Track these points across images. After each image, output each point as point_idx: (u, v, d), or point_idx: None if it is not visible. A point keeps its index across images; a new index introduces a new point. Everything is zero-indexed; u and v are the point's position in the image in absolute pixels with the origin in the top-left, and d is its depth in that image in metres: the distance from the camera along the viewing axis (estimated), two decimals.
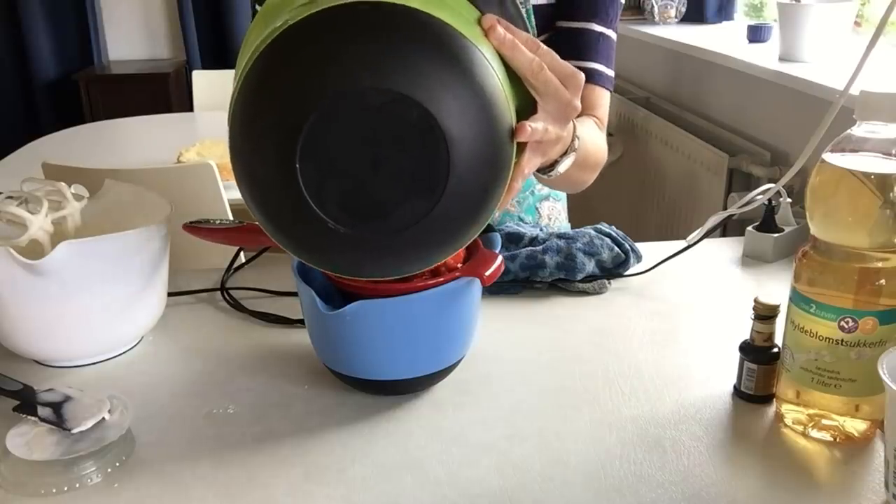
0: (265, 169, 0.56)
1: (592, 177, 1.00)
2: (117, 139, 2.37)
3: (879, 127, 0.62)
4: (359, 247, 0.58)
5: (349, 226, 0.57)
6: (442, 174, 0.55)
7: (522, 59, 0.62)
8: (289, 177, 0.55)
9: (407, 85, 0.53)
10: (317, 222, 0.56)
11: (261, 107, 0.56)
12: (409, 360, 0.71)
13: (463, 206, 0.58)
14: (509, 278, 0.93)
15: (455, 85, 0.55)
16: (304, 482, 0.63)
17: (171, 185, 1.44)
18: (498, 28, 0.61)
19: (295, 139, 0.54)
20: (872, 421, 0.67)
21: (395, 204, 0.56)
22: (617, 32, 1.05)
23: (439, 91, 0.54)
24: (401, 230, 0.57)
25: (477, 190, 0.58)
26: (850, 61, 0.81)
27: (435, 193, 0.56)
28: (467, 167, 0.56)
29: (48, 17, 3.54)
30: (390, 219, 0.57)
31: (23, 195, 0.82)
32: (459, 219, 0.59)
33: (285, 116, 0.54)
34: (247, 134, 0.57)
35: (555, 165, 0.76)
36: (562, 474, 0.64)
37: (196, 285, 0.97)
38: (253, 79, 0.56)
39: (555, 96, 0.65)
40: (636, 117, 2.51)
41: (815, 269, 0.65)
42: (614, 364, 0.80)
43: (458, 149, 0.55)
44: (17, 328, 0.77)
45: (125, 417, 0.67)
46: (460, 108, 0.55)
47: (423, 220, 0.56)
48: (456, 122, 0.55)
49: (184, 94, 3.44)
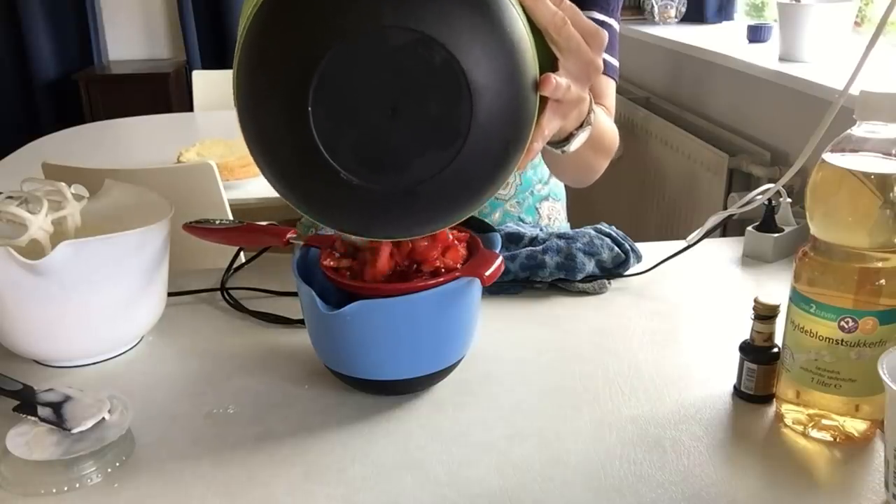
0: (275, 116, 0.52)
1: (604, 163, 0.98)
2: (117, 139, 2.37)
3: (879, 127, 0.62)
4: (371, 201, 0.55)
5: (363, 177, 0.53)
6: (464, 124, 0.52)
7: (546, 11, 0.60)
8: (300, 123, 0.51)
9: (432, 26, 0.50)
10: (328, 173, 0.53)
11: (271, 47, 0.52)
12: (410, 360, 0.71)
13: (483, 160, 0.55)
14: (509, 278, 0.93)
15: (482, 29, 0.52)
16: (305, 482, 0.63)
17: (171, 185, 1.43)
18: None
19: (308, 81, 0.50)
20: (872, 421, 0.67)
21: (413, 154, 0.53)
22: (619, 22, 1.04)
23: (466, 35, 0.51)
24: (417, 184, 0.54)
25: (498, 144, 0.55)
26: (850, 61, 0.81)
27: (455, 145, 0.52)
28: (490, 118, 0.53)
29: (48, 17, 3.54)
30: (407, 171, 0.53)
31: (23, 195, 0.82)
32: (478, 175, 0.56)
33: (298, 56, 0.50)
34: (254, 79, 0.53)
35: (570, 139, 0.73)
36: (562, 474, 0.64)
37: (196, 285, 0.97)
38: (262, 17, 0.52)
39: (577, 53, 0.62)
40: (636, 117, 2.51)
41: (815, 269, 0.65)
42: (614, 364, 0.80)
43: (482, 98, 0.52)
44: (17, 328, 0.77)
45: (125, 417, 0.67)
46: (487, 54, 0.52)
47: (441, 174, 0.53)
48: (481, 68, 0.51)
49: (184, 94, 3.44)
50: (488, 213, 1.13)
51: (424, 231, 0.60)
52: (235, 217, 1.27)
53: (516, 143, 0.57)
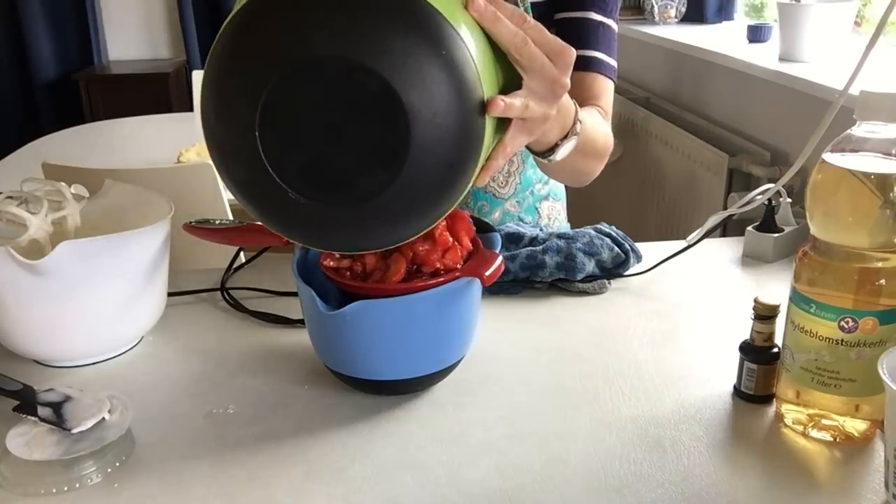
0: (228, 137, 0.56)
1: (598, 167, 0.98)
2: (117, 139, 2.37)
3: (879, 127, 0.62)
4: (322, 218, 0.58)
5: (310, 196, 0.56)
6: (402, 145, 0.54)
7: (505, 32, 0.60)
8: (250, 146, 0.54)
9: (365, 54, 0.52)
10: (279, 192, 0.56)
11: (223, 74, 0.55)
12: (409, 360, 0.71)
13: (427, 179, 0.57)
14: (509, 278, 0.93)
15: (417, 55, 0.53)
16: (305, 482, 0.63)
17: (171, 185, 1.43)
18: (478, 0, 0.59)
19: (254, 107, 0.53)
20: (872, 421, 0.67)
21: (356, 174, 0.55)
22: (617, 23, 1.04)
23: (400, 60, 0.53)
24: (362, 201, 0.56)
25: (442, 163, 0.57)
26: (850, 61, 0.81)
27: (395, 164, 0.54)
28: (430, 140, 0.55)
29: (48, 17, 3.54)
30: (351, 189, 0.56)
31: (23, 195, 0.82)
32: (424, 192, 0.58)
33: (244, 85, 0.54)
34: (212, 101, 0.56)
35: (554, 149, 0.74)
36: (562, 474, 0.64)
37: (196, 285, 0.97)
38: (219, 46, 0.56)
39: (540, 72, 0.63)
40: (636, 117, 2.51)
41: (815, 269, 0.65)
42: (614, 364, 0.79)
43: (419, 120, 0.54)
44: (17, 328, 0.77)
45: (125, 417, 0.67)
46: (422, 78, 0.53)
47: (385, 192, 0.55)
48: (417, 92, 0.53)
49: (184, 94, 3.44)
50: (488, 213, 1.13)
51: (380, 245, 0.63)
52: (235, 217, 1.27)
53: (464, 160, 0.58)
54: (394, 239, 0.62)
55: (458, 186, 0.59)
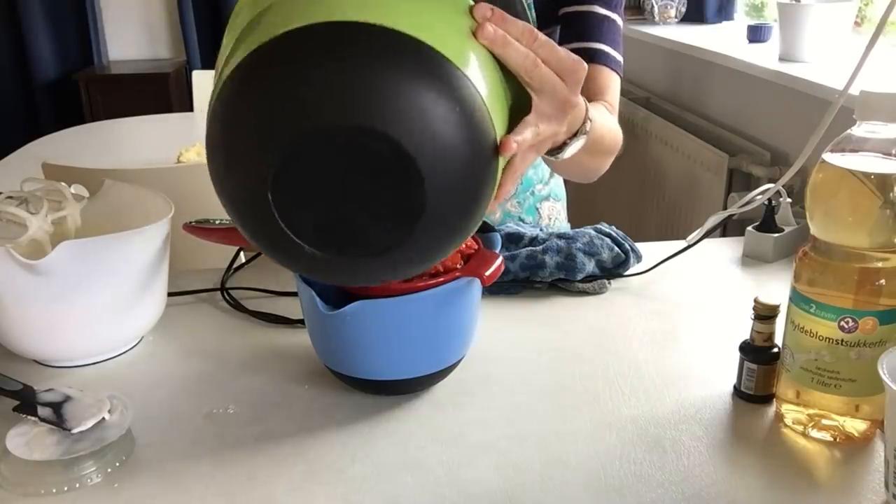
0: (240, 196, 0.55)
1: (606, 163, 0.97)
2: (117, 139, 2.37)
3: (879, 127, 0.62)
4: (337, 266, 0.57)
5: (324, 251, 0.56)
6: (417, 206, 0.53)
7: (515, 56, 0.59)
8: (262, 205, 0.54)
9: (375, 119, 0.51)
10: (293, 246, 0.55)
11: (231, 137, 0.54)
12: (409, 361, 0.71)
13: (441, 229, 0.56)
14: (509, 278, 0.93)
15: (430, 115, 0.52)
16: (305, 482, 0.63)
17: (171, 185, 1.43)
18: (487, 27, 0.57)
19: (265, 173, 0.52)
20: (872, 421, 0.67)
21: (371, 232, 0.55)
22: (622, 19, 1.03)
23: (411, 122, 0.51)
24: (377, 255, 0.56)
25: (457, 213, 0.56)
26: (850, 61, 0.81)
27: (411, 222, 0.54)
28: (444, 194, 0.54)
29: (48, 17, 3.54)
30: (366, 247, 0.55)
31: (23, 195, 0.82)
32: (439, 240, 0.57)
33: (253, 151, 0.53)
34: (221, 160, 0.55)
35: (563, 148, 0.73)
36: (562, 474, 0.64)
37: (196, 285, 0.97)
38: (220, 109, 0.55)
39: (551, 94, 0.62)
40: (636, 117, 2.51)
41: (815, 269, 0.65)
42: (614, 364, 0.79)
43: (433, 179, 0.53)
44: (17, 328, 0.77)
45: (125, 417, 0.67)
46: (434, 137, 0.52)
47: (400, 246, 0.55)
48: (429, 151, 0.52)
49: (184, 94, 3.44)
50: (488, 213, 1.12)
51: (396, 279, 0.63)
52: None
53: (478, 203, 0.58)
54: (411, 275, 0.63)
55: (471, 227, 0.59)
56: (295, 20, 0.53)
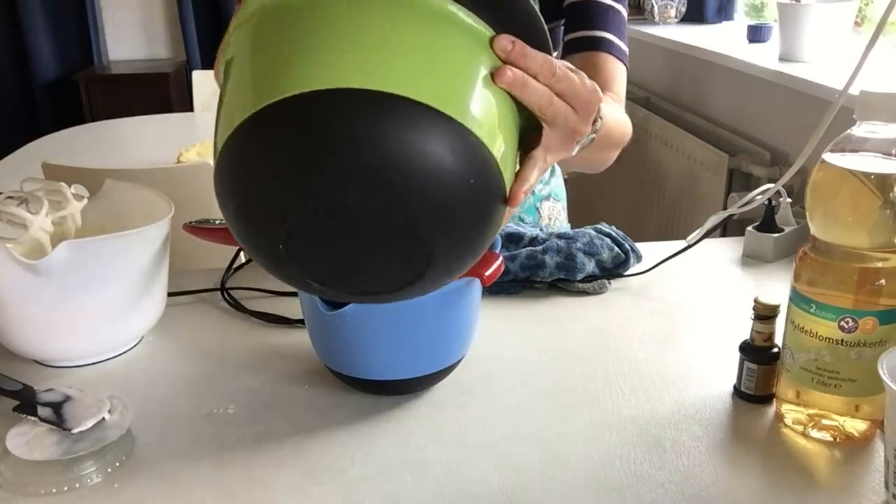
0: (253, 240, 0.56)
1: (614, 155, 0.98)
2: (117, 139, 2.37)
3: (879, 127, 0.62)
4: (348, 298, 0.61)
5: (334, 291, 0.59)
6: (424, 263, 0.55)
7: (531, 97, 0.58)
8: (275, 252, 0.55)
9: (389, 196, 0.51)
10: (301, 281, 0.58)
11: (241, 193, 0.54)
12: (410, 360, 0.71)
13: (451, 271, 0.58)
14: (509, 278, 0.93)
15: (443, 189, 0.52)
16: (304, 482, 0.63)
17: (171, 185, 1.43)
18: (507, 73, 0.56)
19: (276, 232, 0.53)
20: (872, 421, 0.67)
21: (381, 281, 0.57)
22: (626, 10, 1.03)
23: (424, 198, 0.51)
24: (388, 296, 0.58)
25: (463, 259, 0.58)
26: (850, 61, 0.81)
27: (417, 275, 0.56)
28: (452, 252, 0.55)
29: (48, 17, 3.54)
30: (375, 291, 0.58)
31: (23, 195, 0.82)
32: (445, 278, 0.59)
33: (265, 211, 0.53)
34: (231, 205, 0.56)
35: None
36: (562, 474, 0.64)
37: (196, 285, 0.97)
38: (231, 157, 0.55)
39: (563, 126, 0.62)
40: (636, 117, 2.50)
41: (815, 269, 0.65)
42: (614, 364, 0.79)
43: (442, 244, 0.54)
44: (17, 328, 0.77)
45: (125, 417, 0.67)
46: (448, 210, 0.53)
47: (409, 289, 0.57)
48: (441, 225, 0.53)
49: (184, 94, 3.44)
50: None
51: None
52: None
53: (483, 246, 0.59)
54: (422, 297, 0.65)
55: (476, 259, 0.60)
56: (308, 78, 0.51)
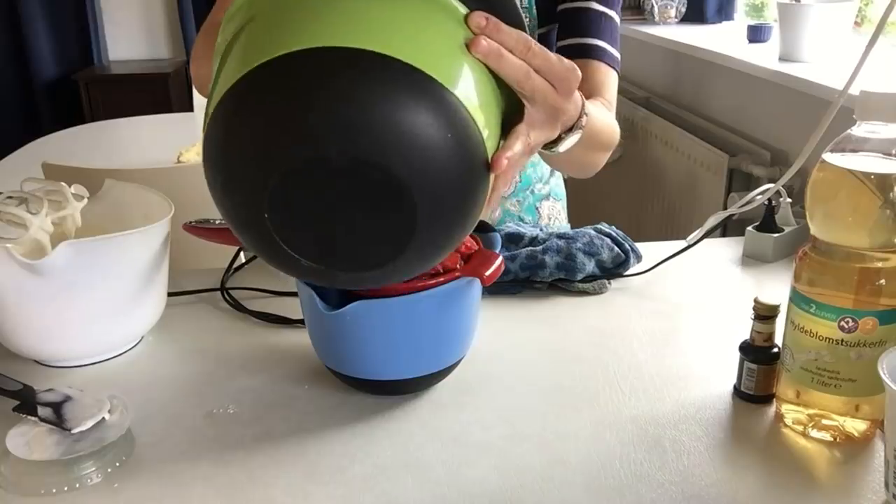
0: (238, 212, 0.57)
1: (603, 158, 0.98)
2: (117, 139, 2.37)
3: (879, 127, 0.62)
4: (335, 275, 0.60)
5: (321, 264, 0.58)
6: (408, 228, 0.55)
7: (508, 69, 0.59)
8: (259, 222, 0.55)
9: (367, 148, 0.52)
10: (291, 259, 0.57)
11: (226, 160, 0.55)
12: (410, 360, 0.71)
13: (435, 242, 0.58)
14: (509, 278, 0.93)
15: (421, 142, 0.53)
16: (304, 482, 0.63)
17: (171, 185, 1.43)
18: (481, 42, 0.57)
19: (261, 194, 0.54)
20: (872, 421, 0.67)
21: (365, 250, 0.57)
22: (619, 17, 1.03)
23: (404, 150, 0.52)
24: (373, 269, 0.58)
25: (448, 229, 0.58)
26: (850, 61, 0.81)
27: (404, 241, 0.56)
28: (436, 216, 0.55)
29: (48, 17, 3.54)
30: (360, 261, 0.58)
31: (23, 195, 0.82)
32: (433, 252, 0.59)
33: (248, 176, 0.54)
34: (218, 178, 0.57)
35: (558, 142, 0.73)
36: (562, 474, 0.64)
37: (196, 285, 0.97)
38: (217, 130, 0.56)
39: (542, 102, 0.62)
40: (636, 117, 2.51)
41: (815, 269, 0.65)
42: (614, 364, 0.80)
43: (426, 203, 0.54)
44: (18, 328, 0.77)
45: (125, 417, 0.67)
46: (429, 166, 0.53)
47: (394, 262, 0.57)
48: (422, 178, 0.53)
49: (184, 94, 3.44)
50: None
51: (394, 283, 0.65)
52: None
53: (468, 218, 0.59)
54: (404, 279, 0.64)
55: (464, 235, 0.61)
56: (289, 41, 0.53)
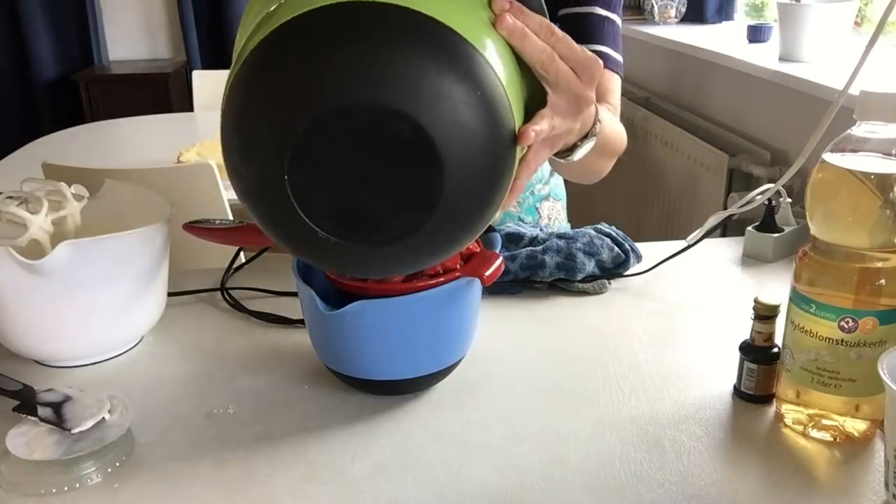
0: (255, 178, 0.55)
1: (610, 165, 0.98)
2: (117, 139, 2.37)
3: (879, 127, 0.62)
4: (351, 253, 0.57)
5: (339, 236, 0.55)
6: (436, 189, 0.52)
7: (532, 50, 0.59)
8: (278, 187, 0.53)
9: (397, 98, 0.50)
10: (308, 231, 0.55)
11: (248, 117, 0.53)
12: (409, 360, 0.71)
13: (458, 217, 0.56)
14: (509, 278, 0.93)
15: (452, 97, 0.51)
16: (304, 482, 0.63)
17: (171, 185, 1.43)
18: (507, 18, 0.57)
19: (282, 152, 0.52)
20: (872, 421, 0.67)
21: (387, 217, 0.54)
22: (621, 19, 1.03)
23: (433, 103, 0.51)
24: (393, 242, 0.55)
25: (474, 201, 0.56)
26: (850, 61, 0.81)
27: (428, 208, 0.53)
28: (463, 180, 0.53)
29: (48, 17, 3.54)
30: (381, 231, 0.55)
31: (23, 195, 0.82)
32: (456, 230, 0.57)
33: (271, 130, 0.52)
34: (235, 142, 0.55)
35: (573, 150, 0.72)
36: (562, 474, 0.64)
37: (196, 285, 0.97)
38: (239, 86, 0.54)
39: (566, 89, 0.61)
40: (636, 117, 2.51)
41: (815, 269, 0.65)
42: (614, 364, 0.79)
43: (453, 164, 0.52)
44: (17, 328, 0.77)
45: (125, 417, 0.67)
46: (455, 119, 0.52)
47: (416, 233, 0.54)
48: (450, 134, 0.51)
49: (184, 94, 3.43)
50: None
51: (406, 272, 0.63)
52: (235, 217, 1.27)
53: (494, 194, 0.57)
54: (422, 268, 0.62)
55: (487, 217, 0.59)
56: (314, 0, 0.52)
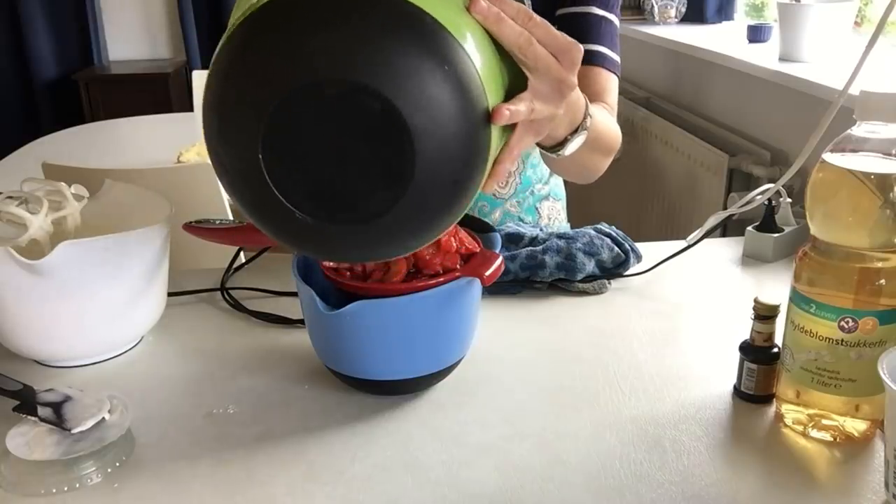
0: (232, 160, 0.55)
1: (605, 163, 0.97)
2: (117, 139, 2.37)
3: (879, 127, 0.62)
4: (330, 235, 0.57)
5: (316, 216, 0.56)
6: (408, 166, 0.53)
7: (509, 33, 0.59)
8: (254, 168, 0.54)
9: (367, 75, 0.51)
10: (286, 213, 0.55)
11: (224, 97, 0.55)
12: (409, 360, 0.71)
13: (434, 196, 0.56)
14: (509, 278, 0.93)
15: (421, 73, 0.52)
16: (304, 482, 0.63)
17: (171, 185, 1.43)
18: (480, 2, 0.57)
19: (256, 131, 0.52)
20: (872, 421, 0.67)
21: (362, 195, 0.55)
22: (619, 19, 1.03)
23: (404, 80, 0.52)
24: (369, 220, 0.56)
25: (448, 179, 0.56)
26: (850, 61, 0.81)
27: (401, 184, 0.54)
28: (435, 158, 0.54)
29: (48, 17, 3.54)
30: (357, 210, 0.55)
31: (23, 195, 0.82)
32: (431, 209, 0.57)
33: (245, 108, 0.53)
34: (214, 123, 0.56)
35: (564, 144, 0.72)
36: (562, 474, 0.64)
37: (196, 285, 0.97)
38: (218, 67, 0.55)
39: (546, 73, 0.61)
40: (636, 117, 2.51)
41: (815, 269, 0.65)
42: (614, 364, 0.80)
43: (424, 140, 0.53)
44: (17, 328, 0.77)
45: (125, 417, 0.67)
46: (426, 97, 0.52)
47: (392, 211, 0.55)
48: (420, 111, 0.52)
49: (184, 94, 3.43)
50: (488, 213, 1.13)
51: (387, 257, 0.62)
52: (235, 217, 1.27)
53: (470, 172, 0.57)
54: (402, 251, 0.62)
55: (464, 199, 0.59)
56: None
